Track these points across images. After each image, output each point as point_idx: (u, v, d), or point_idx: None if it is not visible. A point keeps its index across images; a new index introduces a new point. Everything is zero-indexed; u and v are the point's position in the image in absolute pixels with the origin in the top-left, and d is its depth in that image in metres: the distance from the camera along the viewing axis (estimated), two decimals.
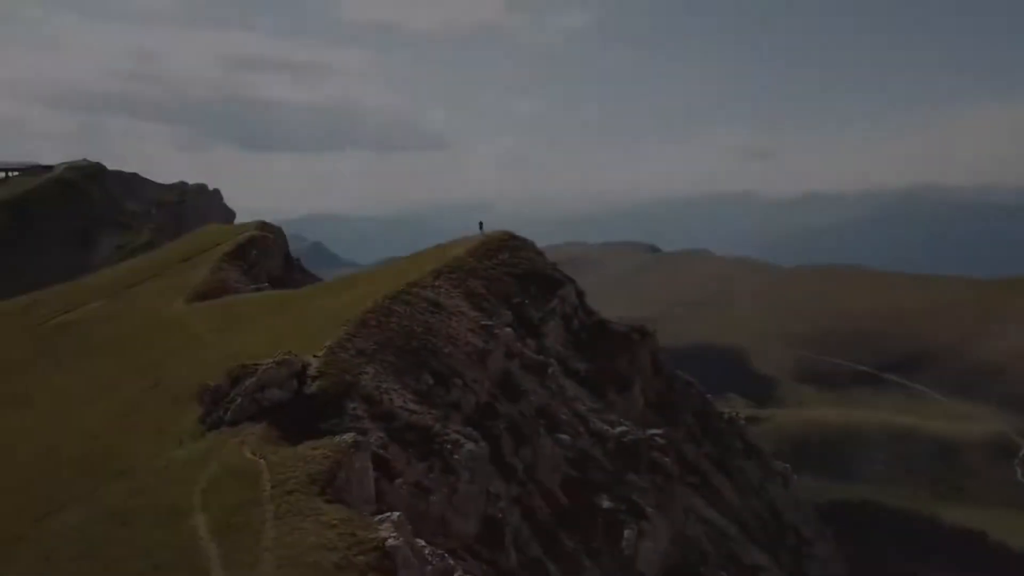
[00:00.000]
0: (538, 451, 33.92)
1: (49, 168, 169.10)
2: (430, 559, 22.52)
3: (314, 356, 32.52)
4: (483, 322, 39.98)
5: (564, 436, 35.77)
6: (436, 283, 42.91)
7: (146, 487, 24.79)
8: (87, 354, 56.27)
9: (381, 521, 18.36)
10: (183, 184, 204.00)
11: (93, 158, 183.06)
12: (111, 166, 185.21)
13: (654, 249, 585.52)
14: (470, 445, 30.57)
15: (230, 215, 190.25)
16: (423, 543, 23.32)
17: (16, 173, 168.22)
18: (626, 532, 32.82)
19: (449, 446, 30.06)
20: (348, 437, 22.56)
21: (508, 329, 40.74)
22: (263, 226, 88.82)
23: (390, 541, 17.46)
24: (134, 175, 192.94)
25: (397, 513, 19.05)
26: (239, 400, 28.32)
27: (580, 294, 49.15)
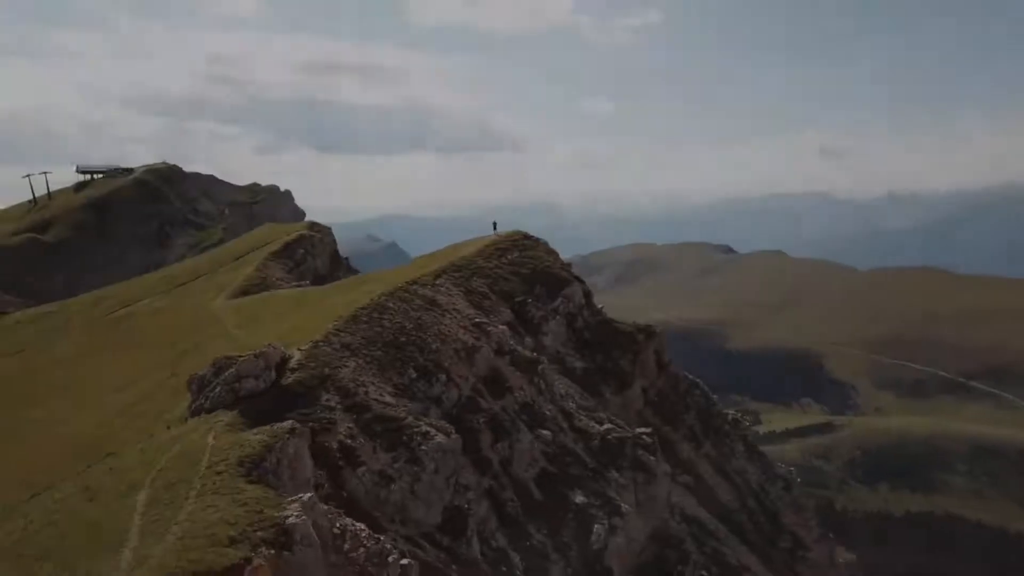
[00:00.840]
0: (515, 446, 34.84)
1: (130, 171, 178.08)
2: (365, 542, 23.85)
3: (299, 349, 34.39)
4: (477, 320, 41.14)
5: (545, 432, 36.58)
6: (437, 281, 44.30)
7: (121, 467, 26.90)
8: (131, 346, 59.92)
9: (292, 501, 19.69)
10: (256, 185, 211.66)
11: (178, 160, 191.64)
12: (195, 168, 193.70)
13: (727, 250, 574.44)
14: (439, 438, 31.75)
15: (300, 215, 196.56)
16: (361, 527, 24.69)
17: (101, 175, 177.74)
18: (596, 527, 33.41)
19: (418, 438, 31.30)
20: (287, 424, 24.03)
21: (503, 327, 41.76)
22: (312, 226, 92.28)
23: (290, 519, 18.78)
24: (210, 177, 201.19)
25: (309, 495, 20.34)
26: (218, 389, 30.27)
27: (587, 294, 49.78)
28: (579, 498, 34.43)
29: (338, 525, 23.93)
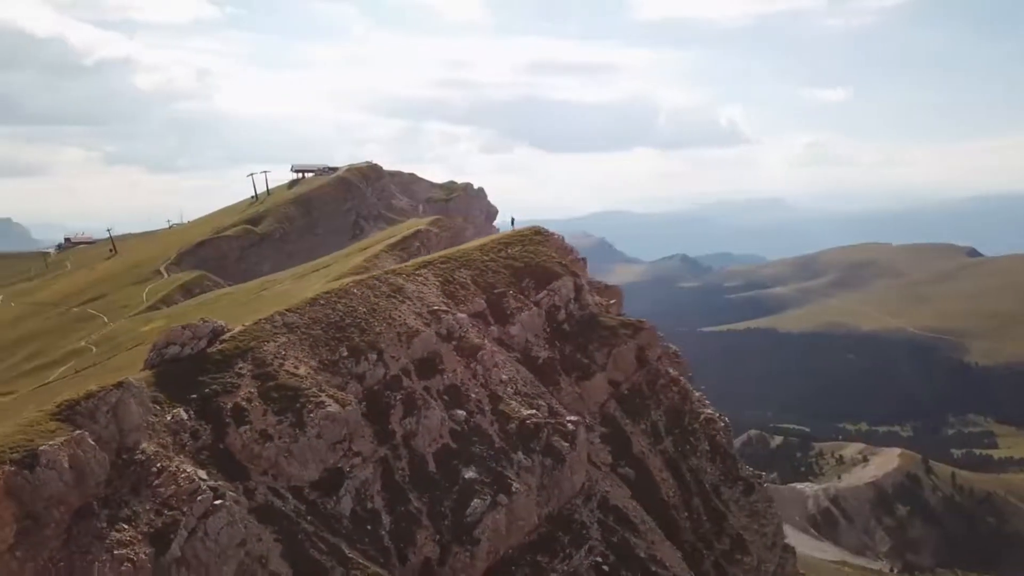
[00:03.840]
0: (422, 421, 38.08)
1: (335, 169, 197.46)
2: (180, 482, 28.86)
3: (243, 325, 40.06)
4: (435, 307, 44.61)
5: (460, 412, 39.41)
6: (418, 271, 48.28)
7: None
8: (230, 319, 69.58)
9: (65, 435, 24.96)
10: (451, 183, 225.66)
11: (411, 159, 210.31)
12: (426, 166, 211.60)
13: (972, 253, 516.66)
14: (332, 407, 35.94)
15: (493, 212, 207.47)
16: (186, 470, 29.61)
17: (311, 174, 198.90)
18: (475, 501, 35.85)
19: (311, 406, 35.70)
20: (126, 378, 29.42)
21: (461, 315, 44.88)
22: (434, 222, 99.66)
23: (43, 447, 24.03)
24: (411, 175, 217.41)
25: (80, 431, 25.50)
26: (151, 353, 36.63)
27: (579, 289, 51.14)
28: (470, 474, 37.02)
29: (158, 466, 29.12)
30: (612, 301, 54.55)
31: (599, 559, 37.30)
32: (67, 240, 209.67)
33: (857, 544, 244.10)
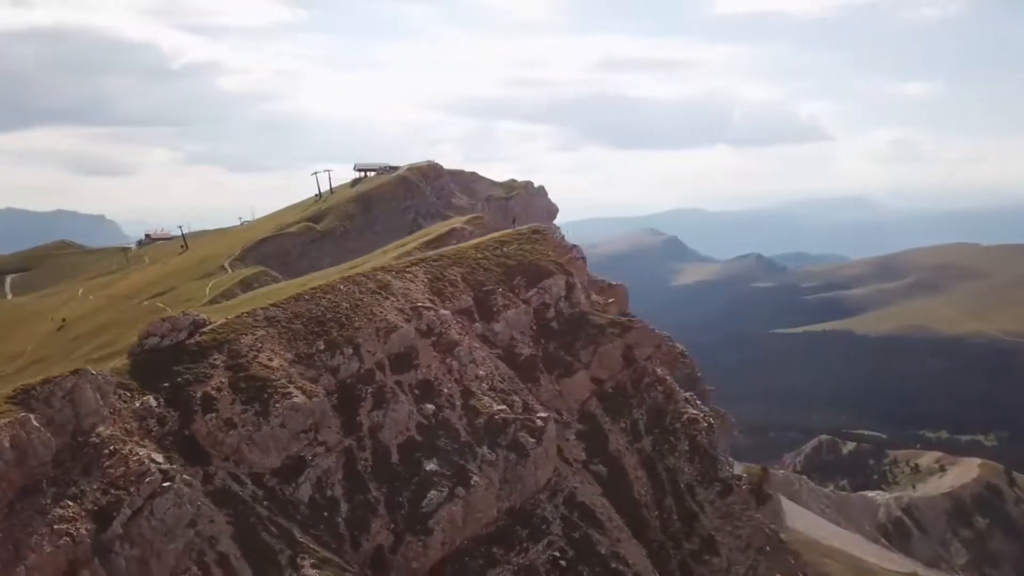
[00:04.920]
0: (389, 414, 39.25)
1: (396, 168, 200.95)
2: (130, 464, 30.73)
3: (226, 318, 41.99)
4: (418, 304, 45.73)
5: (429, 406, 40.43)
6: (408, 269, 49.54)
7: None
8: None
9: (8, 418, 27.06)
10: (512, 182, 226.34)
11: (482, 158, 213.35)
12: (497, 165, 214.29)
13: None
14: (299, 398, 37.45)
15: (553, 210, 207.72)
16: (139, 453, 31.47)
17: (372, 173, 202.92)
18: (431, 492, 36.80)
19: (277, 396, 37.28)
20: (83, 367, 31.46)
21: (444, 312, 45.89)
22: (471, 220, 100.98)
23: None
24: (472, 173, 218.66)
25: (25, 414, 27.53)
26: (134, 344, 38.84)
27: (571, 287, 51.38)
28: (431, 466, 38.00)
29: (111, 448, 31.09)
30: (611, 300, 54.66)
31: (557, 553, 37.75)
32: (147, 236, 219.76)
33: (931, 556, 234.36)
